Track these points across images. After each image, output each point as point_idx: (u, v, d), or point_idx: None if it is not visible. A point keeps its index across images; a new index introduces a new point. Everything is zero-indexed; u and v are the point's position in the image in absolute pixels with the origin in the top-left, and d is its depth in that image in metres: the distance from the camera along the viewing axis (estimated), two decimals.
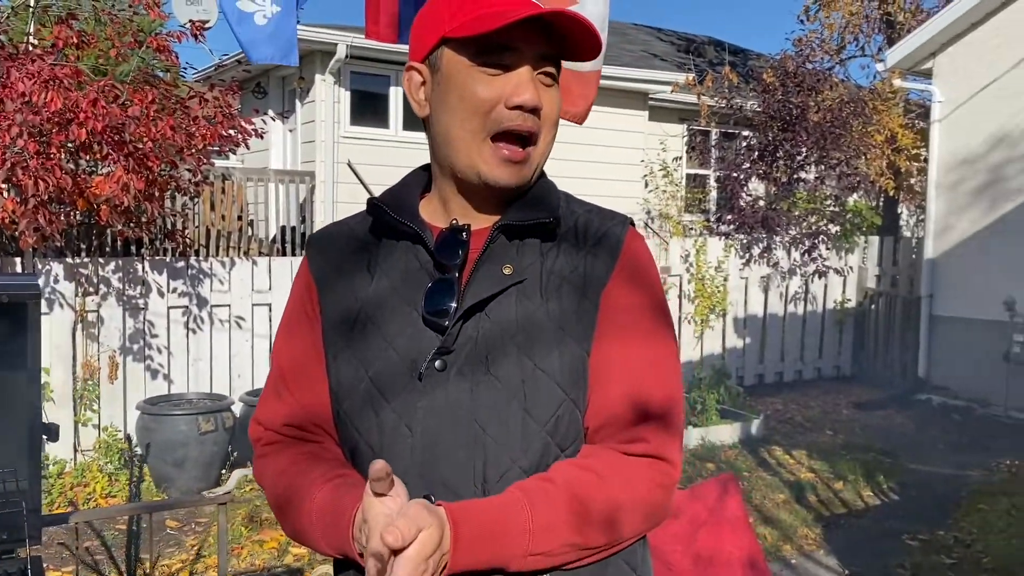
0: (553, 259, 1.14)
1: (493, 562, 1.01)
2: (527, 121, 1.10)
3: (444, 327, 1.10)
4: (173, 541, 4.58)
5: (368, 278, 1.17)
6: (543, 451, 1.08)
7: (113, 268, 5.70)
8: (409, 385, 1.09)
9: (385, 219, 1.18)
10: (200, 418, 5.24)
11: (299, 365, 1.20)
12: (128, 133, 5.09)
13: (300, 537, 1.14)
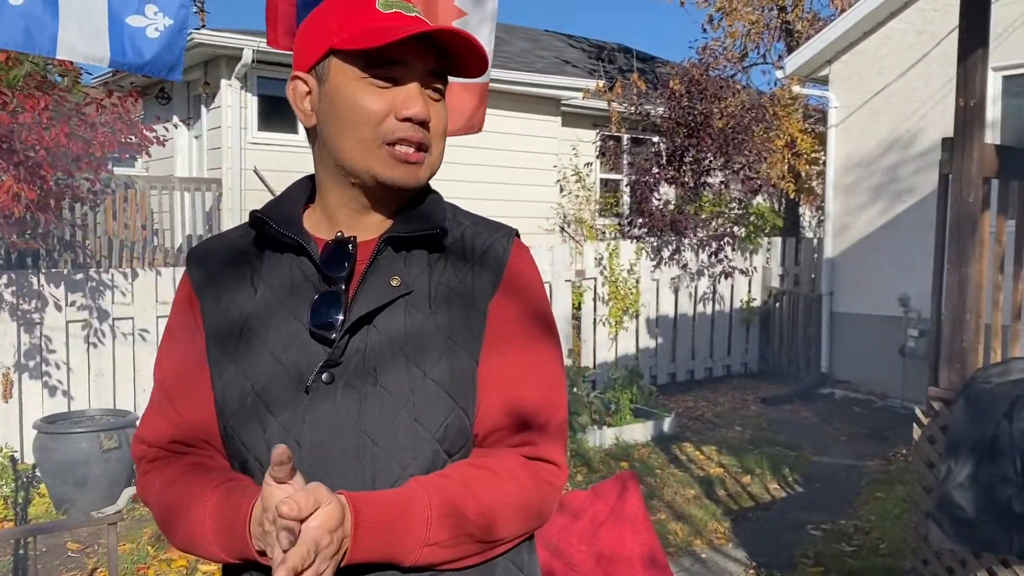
0: (441, 271, 1.16)
1: (392, 551, 1.03)
2: (417, 133, 1.12)
3: (331, 340, 1.10)
4: (74, 564, 4.41)
5: (251, 291, 1.17)
6: (432, 459, 1.10)
7: (5, 282, 5.46)
8: (296, 398, 1.09)
9: (268, 231, 1.17)
10: (103, 435, 5.05)
11: (182, 380, 1.18)
12: (19, 141, 4.89)
13: (192, 546, 1.12)
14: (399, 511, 1.03)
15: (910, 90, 7.99)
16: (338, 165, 1.15)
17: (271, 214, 1.18)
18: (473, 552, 1.09)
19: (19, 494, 5.22)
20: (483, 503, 1.07)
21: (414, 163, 1.13)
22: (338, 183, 1.17)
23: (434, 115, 1.14)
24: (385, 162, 1.12)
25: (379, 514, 1.02)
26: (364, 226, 1.18)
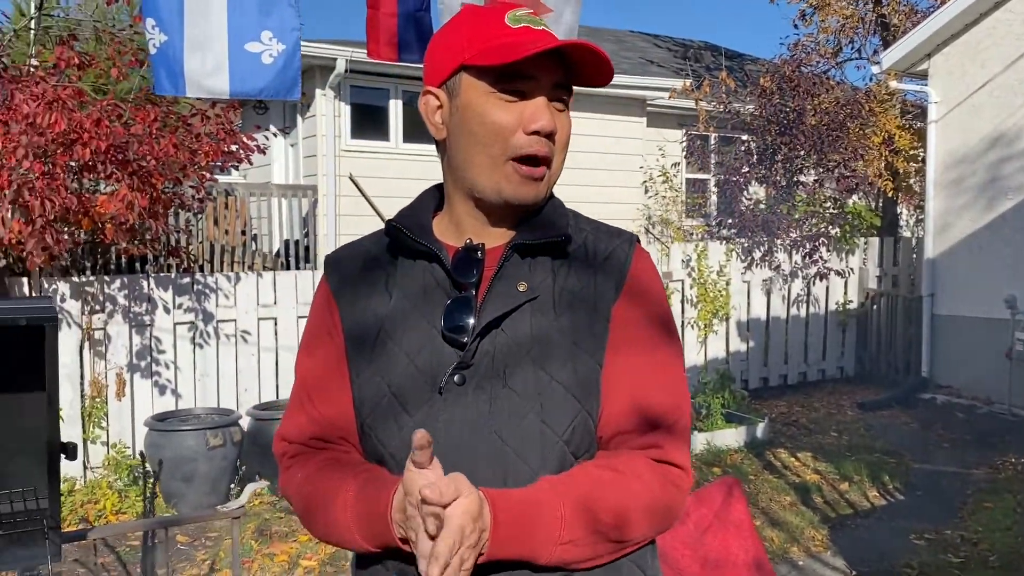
0: (564, 276, 1.19)
1: (527, 548, 1.06)
2: (543, 147, 1.16)
3: (463, 343, 1.14)
4: (184, 556, 4.62)
5: (386, 296, 1.22)
6: (560, 459, 1.12)
7: (119, 286, 5.75)
8: (430, 399, 1.13)
9: (402, 239, 1.22)
10: (208, 433, 5.27)
11: (322, 380, 1.24)
12: (131, 152, 5.14)
13: (333, 535, 1.17)
14: (533, 508, 1.06)
15: (1016, 83, 7.63)
16: (465, 178, 1.19)
17: (405, 222, 1.23)
18: (605, 552, 1.11)
19: (133, 488, 5.49)
20: (613, 502, 1.09)
21: (537, 179, 1.17)
22: (463, 194, 1.21)
23: (560, 127, 1.17)
24: (510, 179, 1.16)
25: (514, 510, 1.05)
26: (490, 233, 1.22)
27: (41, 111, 4.76)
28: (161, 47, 2.61)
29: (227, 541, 4.80)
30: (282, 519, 5.09)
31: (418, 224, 1.23)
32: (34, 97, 4.83)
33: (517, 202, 1.17)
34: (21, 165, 4.64)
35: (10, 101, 4.89)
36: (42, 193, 4.65)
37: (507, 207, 1.19)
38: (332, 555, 4.53)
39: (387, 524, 1.07)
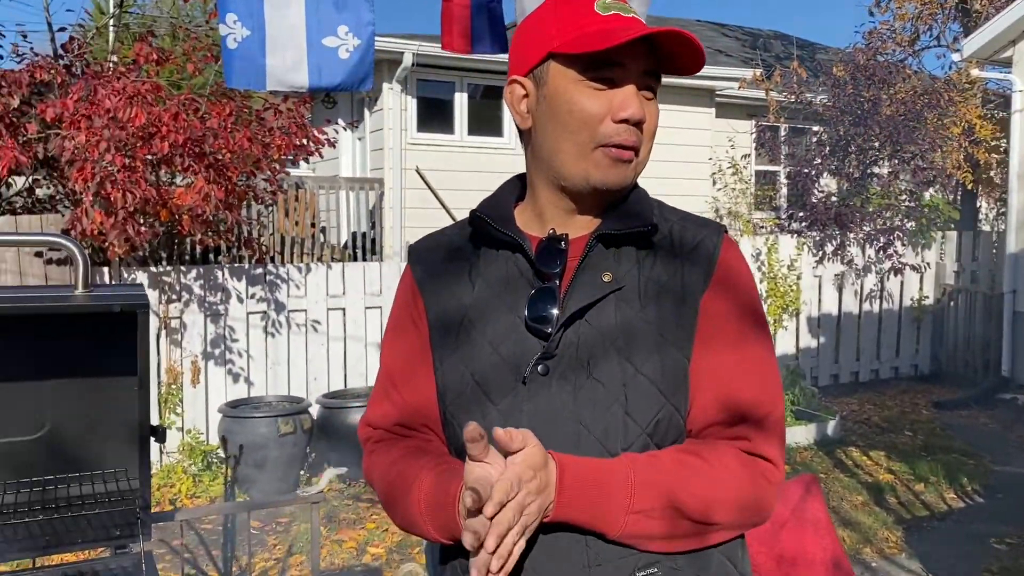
0: (650, 267, 1.17)
1: (595, 513, 1.06)
2: (632, 135, 1.14)
3: (547, 333, 1.14)
4: (256, 540, 4.73)
5: (469, 286, 1.22)
6: (643, 452, 1.11)
7: (194, 276, 5.91)
8: (514, 388, 1.13)
9: (485, 229, 1.22)
10: (279, 420, 5.39)
11: (406, 368, 1.26)
12: (207, 145, 5.27)
13: (409, 525, 1.18)
14: (603, 473, 1.06)
15: None
16: (551, 167, 1.18)
17: (488, 212, 1.23)
18: (685, 532, 1.09)
19: (207, 474, 5.65)
20: (694, 484, 1.08)
21: (625, 162, 1.15)
22: (548, 183, 1.20)
23: (648, 115, 1.16)
24: (599, 164, 1.14)
25: (583, 473, 1.05)
26: (574, 223, 1.21)
27: (122, 105, 4.91)
28: (242, 42, 2.66)
29: (297, 526, 4.90)
30: (350, 506, 5.18)
31: (501, 214, 1.23)
32: (115, 92, 4.99)
33: (605, 187, 1.16)
34: (103, 158, 4.79)
35: (93, 96, 5.06)
36: (123, 185, 4.79)
37: (594, 195, 1.18)
38: (399, 543, 4.59)
39: (454, 515, 1.07)
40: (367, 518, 5.01)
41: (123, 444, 1.67)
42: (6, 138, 4.91)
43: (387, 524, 4.89)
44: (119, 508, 1.63)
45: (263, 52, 2.65)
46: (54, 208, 6.05)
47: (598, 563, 1.09)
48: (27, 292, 1.58)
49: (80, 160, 4.80)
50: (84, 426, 1.71)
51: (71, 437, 1.72)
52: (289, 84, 2.76)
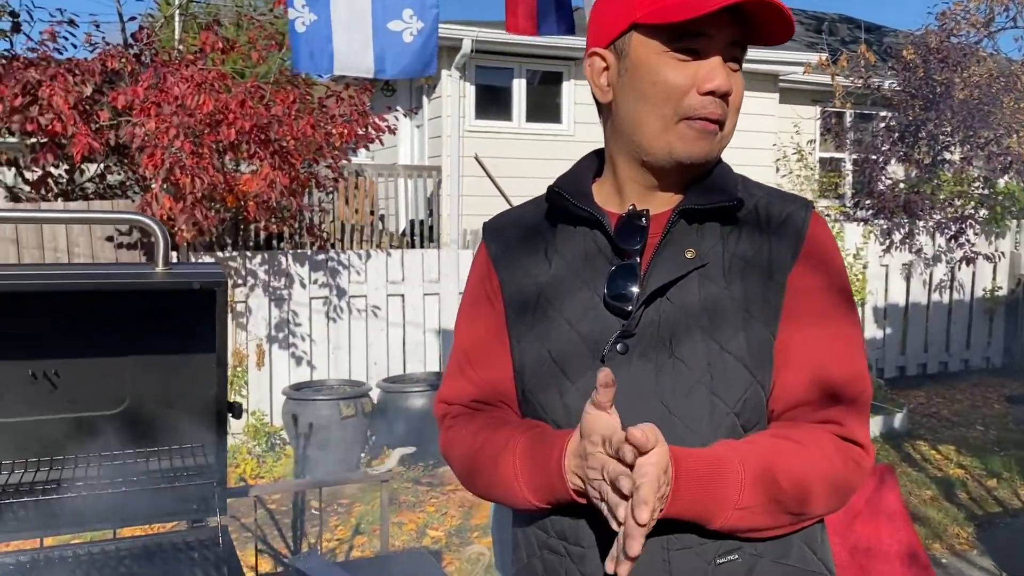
0: (735, 242, 1.14)
1: (703, 509, 1.03)
2: (717, 108, 1.11)
3: (627, 311, 1.12)
4: (315, 519, 4.81)
5: (546, 263, 1.21)
6: (730, 432, 1.09)
7: (259, 261, 6.02)
8: (592, 367, 1.11)
9: (563, 205, 1.20)
10: (341, 403, 5.47)
11: (482, 345, 1.25)
12: (272, 132, 5.35)
13: (497, 490, 1.16)
14: (714, 469, 1.03)
15: None
16: (632, 141, 1.15)
17: (566, 188, 1.21)
18: (781, 524, 1.07)
19: (270, 454, 5.76)
20: (795, 473, 1.05)
21: (710, 135, 1.12)
22: (629, 159, 1.18)
23: (734, 87, 1.13)
24: (683, 136, 1.11)
25: (696, 469, 1.02)
26: (655, 199, 1.19)
27: (190, 93, 5.01)
28: (309, 26, 2.69)
29: (359, 507, 4.97)
30: (409, 489, 5.23)
31: (579, 190, 1.21)
32: (184, 80, 5.09)
33: (689, 161, 1.13)
34: (172, 144, 4.90)
35: (162, 83, 5.17)
36: (191, 171, 4.89)
37: (676, 170, 1.15)
38: (458, 527, 4.63)
39: (560, 474, 1.05)
40: (426, 501, 5.06)
41: (200, 420, 1.70)
42: (79, 125, 5.05)
43: (446, 508, 4.93)
44: (196, 483, 1.67)
45: (330, 36, 2.67)
46: (124, 194, 6.21)
47: (678, 548, 1.07)
48: (110, 269, 1.62)
49: (150, 146, 4.91)
50: (162, 402, 1.75)
51: (150, 412, 1.76)
52: (355, 68, 2.78)
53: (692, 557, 1.07)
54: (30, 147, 5.53)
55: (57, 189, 5.91)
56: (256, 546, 2.35)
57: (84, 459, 1.75)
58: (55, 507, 1.66)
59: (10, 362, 1.69)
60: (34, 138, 5.31)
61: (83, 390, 1.73)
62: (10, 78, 5.01)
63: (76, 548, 1.68)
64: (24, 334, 1.67)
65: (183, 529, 1.75)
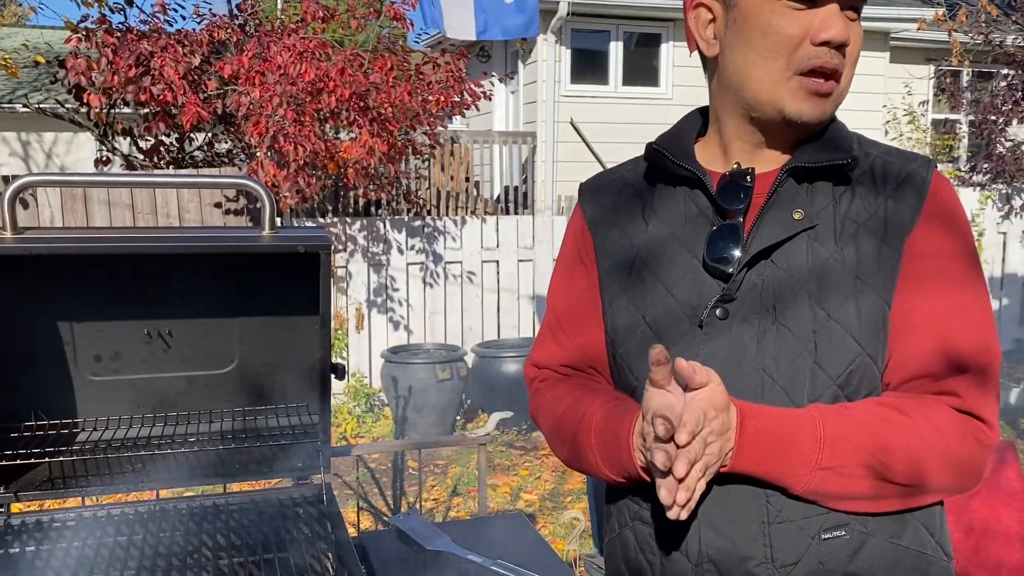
0: (847, 203, 1.08)
1: (778, 467, 0.99)
2: (833, 59, 1.04)
3: (728, 274, 1.07)
4: (414, 480, 4.93)
5: (643, 224, 1.17)
6: (833, 403, 1.03)
7: (359, 227, 6.14)
8: (689, 332, 1.08)
9: (662, 164, 1.16)
10: (437, 367, 5.56)
11: (575, 309, 1.23)
12: (371, 99, 5.42)
13: (577, 460, 1.16)
14: (787, 424, 0.99)
15: None
16: (740, 97, 1.09)
17: (666, 146, 1.16)
18: (886, 495, 1.01)
19: (369, 415, 5.92)
20: (895, 439, 0.99)
21: (824, 95, 1.06)
22: (735, 115, 1.12)
23: (852, 37, 1.05)
24: (795, 94, 1.05)
25: (766, 422, 0.98)
26: (761, 157, 1.13)
27: (292, 61, 5.11)
28: None
29: (453, 469, 5.06)
30: (503, 452, 5.29)
31: (680, 148, 1.16)
32: (286, 49, 5.20)
33: (801, 119, 1.06)
34: (276, 112, 5.02)
35: (266, 53, 5.29)
36: (295, 139, 5.01)
37: (786, 127, 1.08)
38: (552, 491, 4.66)
39: (628, 449, 1.03)
40: (520, 465, 5.11)
41: (305, 380, 1.75)
42: (189, 94, 5.23)
43: (540, 472, 4.97)
44: (301, 441, 1.72)
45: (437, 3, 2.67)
46: (231, 162, 6.42)
47: (779, 520, 1.02)
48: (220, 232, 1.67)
49: (255, 115, 5.05)
50: (269, 362, 1.80)
51: (257, 372, 1.81)
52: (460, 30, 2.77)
53: (794, 531, 1.02)
54: (143, 116, 5.76)
55: (168, 157, 6.16)
56: (358, 504, 2.42)
57: (195, 416, 1.82)
58: (169, 461, 1.73)
59: (128, 322, 1.77)
60: (147, 108, 5.52)
61: (194, 350, 1.80)
62: (124, 50, 5.22)
63: (189, 501, 1.76)
64: (140, 295, 1.74)
65: (288, 486, 1.81)
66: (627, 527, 1.15)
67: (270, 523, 1.64)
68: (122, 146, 6.30)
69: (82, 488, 1.67)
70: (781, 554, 1.02)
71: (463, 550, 1.54)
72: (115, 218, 5.27)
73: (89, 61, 5.28)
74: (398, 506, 4.35)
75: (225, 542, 1.61)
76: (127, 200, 5.34)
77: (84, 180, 2.55)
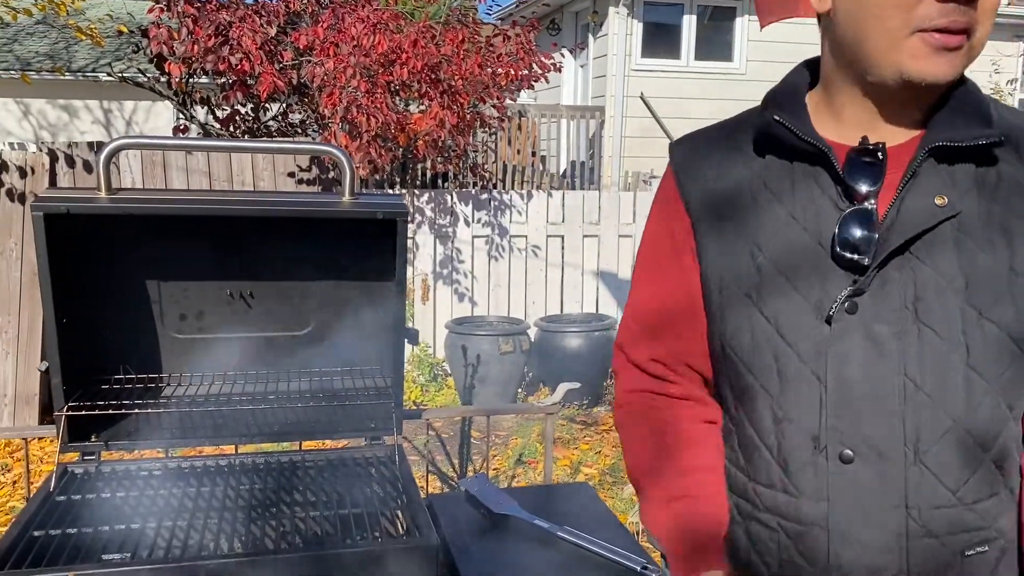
0: (993, 185, 0.97)
1: None
2: (960, 16, 0.90)
3: (864, 266, 0.96)
4: (475, 450, 5.00)
5: (753, 202, 1.04)
6: (991, 413, 0.95)
7: (426, 199, 6.20)
8: (815, 328, 0.97)
9: (779, 135, 1.02)
10: (500, 339, 5.60)
11: (667, 304, 1.12)
12: (442, 72, 5.45)
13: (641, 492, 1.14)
14: None
15: None
16: (855, 57, 0.97)
17: (785, 116, 1.02)
18: None
19: (433, 384, 6.01)
20: None
21: (953, 50, 0.92)
22: (851, 78, 0.99)
23: None
24: (916, 52, 0.92)
25: None
26: (882, 129, 1.00)
27: (366, 33, 5.16)
28: None
29: (514, 440, 5.11)
30: (564, 426, 5.32)
31: (794, 114, 1.02)
32: (360, 20, 5.25)
33: (923, 81, 0.93)
34: (350, 84, 5.08)
35: (340, 24, 5.35)
36: (367, 110, 5.07)
37: (909, 92, 0.96)
38: (611, 466, 4.67)
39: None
40: (580, 439, 5.13)
41: (378, 344, 1.79)
42: (265, 64, 5.33)
43: (600, 447, 4.99)
44: (375, 403, 1.76)
45: None
46: (305, 132, 6.53)
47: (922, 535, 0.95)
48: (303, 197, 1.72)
49: (329, 85, 5.12)
50: (345, 325, 1.85)
51: (333, 335, 1.87)
52: None
53: (936, 547, 0.95)
54: (220, 86, 5.90)
55: (244, 126, 6.29)
56: (427, 467, 2.46)
57: (274, 375, 1.89)
58: (248, 418, 1.80)
59: (211, 282, 1.83)
60: (224, 77, 5.65)
61: (274, 311, 1.86)
62: (204, 20, 5.34)
63: (267, 456, 1.83)
64: (224, 257, 1.80)
65: (361, 446, 1.86)
66: (737, 524, 1.07)
67: (344, 481, 1.69)
68: (199, 115, 6.47)
69: (167, 440, 1.75)
70: (918, 568, 0.96)
71: (530, 515, 1.57)
72: (192, 184, 5.43)
73: (170, 31, 5.42)
74: (464, 471, 4.43)
75: (301, 498, 1.67)
76: (204, 167, 5.49)
77: (176, 144, 2.65)
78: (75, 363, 1.66)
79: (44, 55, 11.09)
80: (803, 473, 0.98)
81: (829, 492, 0.96)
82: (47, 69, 10.35)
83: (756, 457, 1.02)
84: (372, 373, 1.84)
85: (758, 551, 1.04)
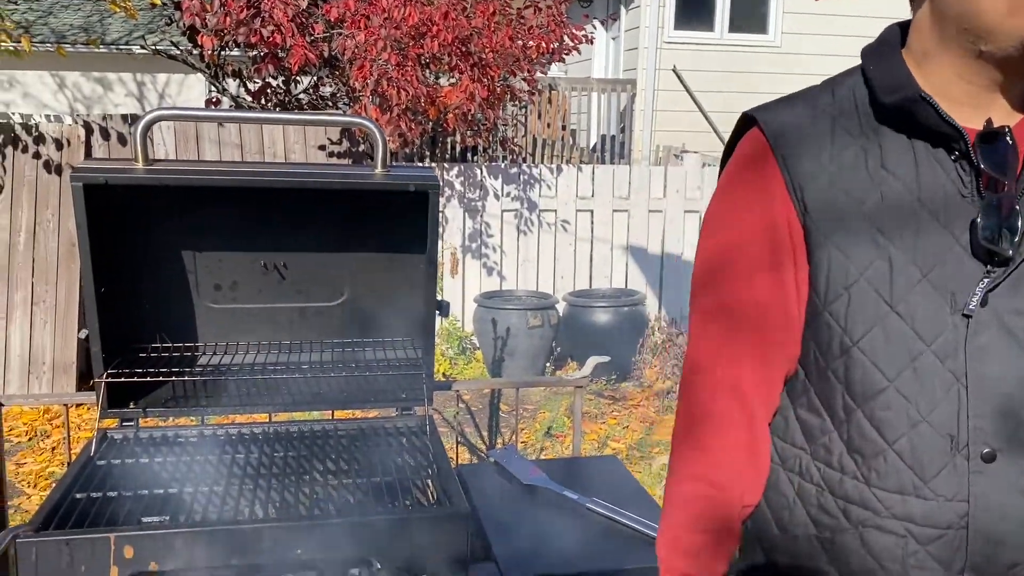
0: None
1: None
2: None
3: (1006, 257, 0.90)
4: (504, 423, 5.03)
5: (868, 181, 0.95)
6: None
7: (456, 173, 6.20)
8: (950, 323, 0.92)
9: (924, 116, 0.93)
10: (529, 313, 5.62)
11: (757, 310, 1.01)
12: (472, 44, 5.42)
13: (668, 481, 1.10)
14: None
15: None
16: (966, 27, 0.88)
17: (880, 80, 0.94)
18: None
19: (461, 357, 6.05)
20: None
21: None
22: (957, 49, 0.91)
23: None
24: None
25: None
26: (994, 106, 0.93)
27: (397, 5, 5.14)
28: None
29: (542, 414, 5.14)
30: (591, 401, 5.34)
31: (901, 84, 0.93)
32: None
33: None
34: (380, 56, 5.08)
35: None
36: (398, 83, 5.07)
37: None
38: (640, 441, 4.69)
39: None
40: (608, 414, 5.15)
41: (410, 316, 1.81)
42: (297, 37, 5.33)
43: (628, 421, 5.00)
44: (407, 373, 1.78)
45: None
46: (335, 105, 6.54)
47: None
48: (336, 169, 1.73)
49: (360, 58, 5.12)
50: (376, 297, 1.87)
51: (365, 306, 1.89)
52: None
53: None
54: (252, 59, 5.92)
55: (275, 99, 6.32)
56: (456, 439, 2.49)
57: (307, 345, 1.91)
58: (281, 387, 1.83)
59: (245, 253, 1.86)
60: (255, 50, 5.67)
61: (307, 282, 1.88)
62: None
63: (300, 424, 1.86)
64: (258, 228, 1.82)
65: (392, 416, 1.89)
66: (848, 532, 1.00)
67: (376, 450, 1.72)
68: (231, 88, 6.50)
69: (203, 408, 1.78)
70: None
71: (559, 486, 1.59)
72: (224, 157, 5.47)
73: (202, 3, 5.44)
74: (493, 443, 4.47)
75: (333, 466, 1.69)
76: (236, 140, 5.53)
77: (210, 115, 2.67)
78: (113, 332, 1.69)
79: (79, 28, 11.19)
80: (940, 475, 0.93)
81: (970, 492, 0.92)
82: (81, 42, 10.45)
83: (879, 462, 0.95)
84: (403, 344, 1.86)
85: (876, 557, 0.97)
